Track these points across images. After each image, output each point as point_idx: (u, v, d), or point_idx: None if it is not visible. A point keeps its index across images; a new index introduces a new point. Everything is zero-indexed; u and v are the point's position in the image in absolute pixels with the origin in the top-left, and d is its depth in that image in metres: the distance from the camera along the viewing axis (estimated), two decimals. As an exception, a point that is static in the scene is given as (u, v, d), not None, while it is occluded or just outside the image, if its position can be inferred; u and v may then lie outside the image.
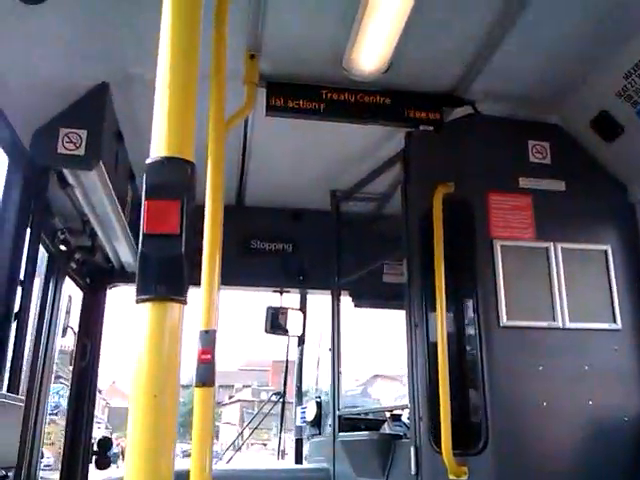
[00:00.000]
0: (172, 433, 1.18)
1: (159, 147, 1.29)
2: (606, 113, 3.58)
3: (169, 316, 1.21)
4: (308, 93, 3.65)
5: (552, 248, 3.55)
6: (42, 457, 4.03)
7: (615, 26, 3.10)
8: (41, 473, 3.89)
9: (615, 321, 3.51)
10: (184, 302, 1.24)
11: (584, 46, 3.27)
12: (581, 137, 3.78)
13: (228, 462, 5.91)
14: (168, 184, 1.26)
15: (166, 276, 1.23)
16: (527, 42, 3.26)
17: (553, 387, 3.30)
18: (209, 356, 2.38)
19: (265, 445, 34.55)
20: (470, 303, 3.56)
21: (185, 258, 1.24)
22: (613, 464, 3.26)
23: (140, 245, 1.24)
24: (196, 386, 2.38)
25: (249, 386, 55.51)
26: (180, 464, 1.21)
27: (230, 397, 57.37)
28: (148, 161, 1.28)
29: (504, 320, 3.35)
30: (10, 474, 2.97)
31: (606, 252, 3.63)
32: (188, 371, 2.24)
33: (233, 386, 59.73)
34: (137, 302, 1.22)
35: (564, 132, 3.83)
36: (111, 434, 27.16)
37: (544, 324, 3.41)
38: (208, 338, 2.42)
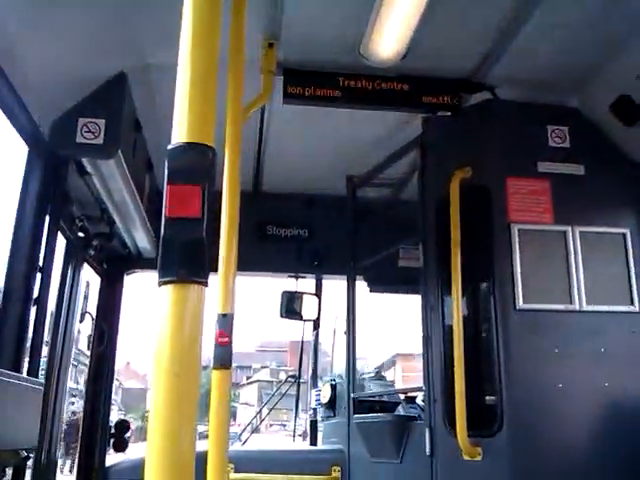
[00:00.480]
0: (194, 412, 1.20)
1: (180, 133, 1.31)
2: (626, 97, 3.54)
3: (191, 298, 1.23)
4: (325, 80, 3.64)
5: (570, 232, 3.53)
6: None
7: (636, 10, 3.05)
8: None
9: (633, 304, 3.50)
10: (205, 284, 1.26)
11: (604, 30, 3.23)
12: (601, 121, 3.75)
13: (244, 444, 5.98)
14: (190, 169, 1.29)
15: (188, 259, 1.25)
16: (546, 27, 3.22)
17: (569, 369, 3.31)
18: (227, 339, 2.41)
19: (285, 426, 34.74)
20: (486, 286, 3.58)
21: (206, 241, 1.26)
22: (629, 446, 3.26)
23: (162, 228, 1.26)
24: (214, 368, 2.42)
25: (267, 367, 55.83)
26: (197, 445, 1.22)
27: (248, 378, 57.63)
28: (170, 147, 1.30)
29: (520, 303, 3.35)
30: (31, 455, 3.03)
31: (624, 235, 3.61)
32: (205, 353, 2.28)
33: (251, 367, 59.99)
34: (159, 285, 1.24)
35: (583, 116, 3.79)
36: (124, 415, 27.49)
37: (561, 307, 3.41)
38: (226, 321, 2.45)
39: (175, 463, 1.16)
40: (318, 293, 5.50)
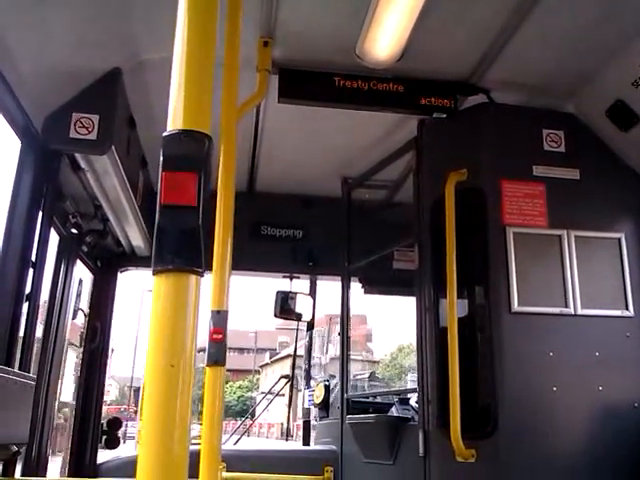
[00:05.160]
0: (188, 402, 1.18)
1: (176, 120, 1.29)
2: (622, 102, 3.55)
3: (186, 287, 1.22)
4: (321, 80, 3.62)
5: (565, 235, 3.54)
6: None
7: (631, 15, 3.06)
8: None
9: (627, 308, 3.51)
10: (201, 274, 1.24)
11: (600, 35, 3.23)
12: (596, 126, 3.75)
13: (236, 443, 5.97)
14: (185, 156, 1.27)
15: (183, 248, 1.23)
16: (543, 31, 3.23)
17: (563, 373, 3.31)
18: (220, 335, 2.41)
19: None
20: (481, 289, 3.58)
21: (202, 230, 1.25)
22: (622, 450, 3.27)
23: (157, 216, 1.24)
24: (207, 365, 2.41)
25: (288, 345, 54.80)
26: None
27: (272, 356, 56.81)
28: (165, 134, 1.29)
29: (515, 306, 3.36)
30: (22, 451, 3.02)
31: (619, 240, 3.62)
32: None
33: (267, 349, 60.01)
34: (154, 273, 1.22)
35: (579, 121, 3.80)
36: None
37: (556, 310, 3.42)
38: (220, 318, 2.45)
39: (169, 454, 1.14)
40: (312, 294, 5.49)
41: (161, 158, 1.26)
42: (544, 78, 3.65)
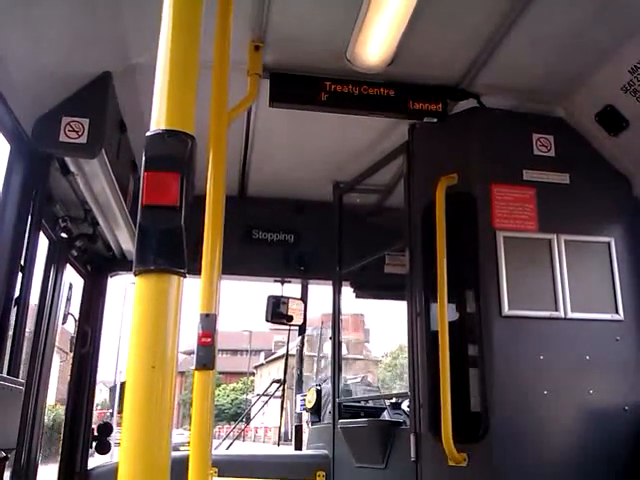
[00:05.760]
0: (170, 405, 1.17)
1: (159, 120, 1.28)
2: (611, 107, 3.57)
3: (169, 288, 1.21)
4: (311, 84, 3.63)
5: (555, 240, 3.56)
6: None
7: (621, 21, 3.08)
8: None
9: (617, 312, 3.52)
10: (183, 275, 1.23)
11: (590, 41, 3.25)
12: (586, 131, 3.77)
13: (228, 448, 5.95)
14: (168, 156, 1.26)
15: (165, 248, 1.22)
16: (533, 36, 3.25)
17: (554, 376, 3.32)
18: (209, 339, 2.39)
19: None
20: (471, 293, 3.58)
21: (184, 231, 1.23)
22: (613, 453, 3.28)
23: (139, 217, 1.23)
24: (196, 369, 2.39)
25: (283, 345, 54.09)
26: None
27: (267, 357, 55.53)
28: (148, 133, 1.28)
29: (506, 310, 3.36)
30: (10, 456, 2.99)
31: (609, 244, 3.64)
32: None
33: (261, 351, 58.83)
34: (136, 274, 1.21)
35: (569, 125, 3.82)
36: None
37: (546, 314, 3.43)
38: (208, 321, 2.43)
39: (150, 456, 1.13)
40: (304, 298, 5.49)
41: (143, 158, 1.25)
42: (534, 83, 3.67)
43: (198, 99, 1.38)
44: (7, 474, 3.21)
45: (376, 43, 3.26)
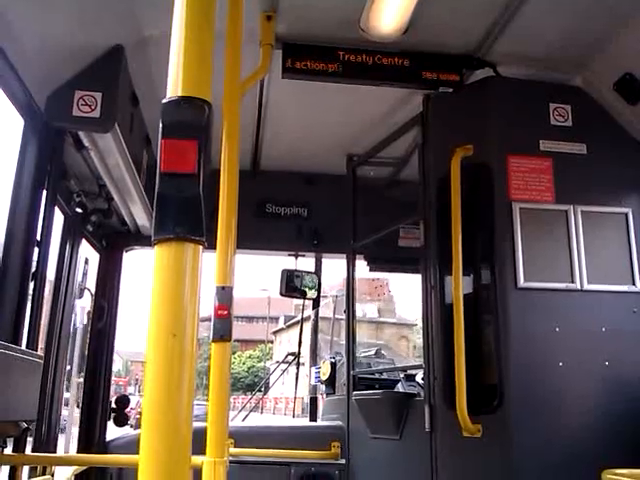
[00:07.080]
0: (192, 373, 1.17)
1: (175, 87, 1.27)
2: (630, 75, 3.50)
3: (188, 256, 1.20)
4: (325, 54, 3.59)
5: (572, 211, 3.52)
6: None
7: None
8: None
9: (634, 283, 3.49)
10: (202, 243, 1.22)
11: (609, 7, 3.18)
12: (604, 100, 3.71)
13: (244, 419, 6.03)
14: (185, 123, 1.24)
15: (185, 216, 1.21)
16: (550, 3, 3.18)
17: (569, 348, 3.31)
18: (226, 311, 2.40)
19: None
20: (487, 265, 3.55)
21: (203, 198, 1.22)
22: (628, 424, 3.27)
23: (157, 185, 1.22)
24: (213, 341, 2.41)
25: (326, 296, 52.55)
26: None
27: (288, 321, 53.08)
28: (164, 101, 1.26)
29: (521, 282, 3.34)
30: (31, 427, 3.05)
31: (626, 215, 3.59)
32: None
33: (278, 318, 57.00)
34: (155, 243, 1.20)
35: (586, 94, 3.75)
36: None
37: (562, 286, 3.40)
38: (225, 294, 2.44)
39: (172, 426, 1.13)
40: (318, 272, 5.50)
41: (160, 125, 1.23)
42: (551, 51, 3.60)
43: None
44: (29, 445, 3.28)
45: (390, 11, 3.20)
